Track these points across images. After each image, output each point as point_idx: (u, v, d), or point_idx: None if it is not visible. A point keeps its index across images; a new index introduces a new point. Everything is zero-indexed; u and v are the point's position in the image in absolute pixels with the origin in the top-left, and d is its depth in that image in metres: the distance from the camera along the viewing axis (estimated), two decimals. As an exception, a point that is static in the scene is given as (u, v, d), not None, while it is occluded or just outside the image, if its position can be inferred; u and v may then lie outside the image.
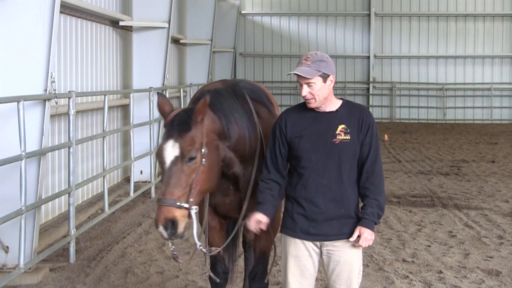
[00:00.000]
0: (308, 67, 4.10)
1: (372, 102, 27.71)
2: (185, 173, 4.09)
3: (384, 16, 28.02)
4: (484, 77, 27.73)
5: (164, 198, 4.04)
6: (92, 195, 10.92)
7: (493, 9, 27.72)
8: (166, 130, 4.19)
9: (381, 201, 4.21)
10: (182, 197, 4.07)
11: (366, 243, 4.15)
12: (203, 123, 4.21)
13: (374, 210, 4.17)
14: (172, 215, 4.03)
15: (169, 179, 4.07)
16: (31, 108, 6.84)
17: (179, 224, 4.06)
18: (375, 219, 4.17)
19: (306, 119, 4.23)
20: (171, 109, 4.35)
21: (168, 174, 4.08)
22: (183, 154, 4.09)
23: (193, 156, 4.12)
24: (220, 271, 5.05)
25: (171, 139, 4.12)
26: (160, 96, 4.41)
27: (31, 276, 6.94)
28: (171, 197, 4.04)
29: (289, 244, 4.31)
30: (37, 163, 7.02)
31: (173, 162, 4.08)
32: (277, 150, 4.28)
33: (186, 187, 4.09)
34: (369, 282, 6.79)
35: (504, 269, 7.34)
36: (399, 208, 10.61)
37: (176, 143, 4.10)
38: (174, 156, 4.09)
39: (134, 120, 10.82)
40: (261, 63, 28.39)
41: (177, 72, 18.48)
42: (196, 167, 4.13)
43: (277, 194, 4.30)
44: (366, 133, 4.19)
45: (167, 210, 4.03)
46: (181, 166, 4.08)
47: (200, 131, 4.18)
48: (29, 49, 6.96)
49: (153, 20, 12.75)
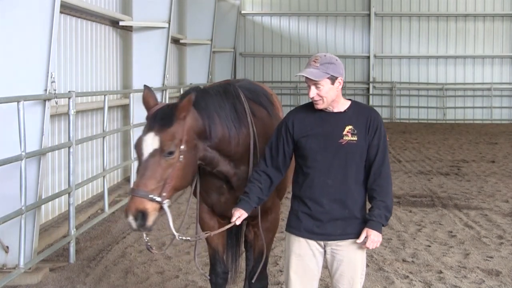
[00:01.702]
0: (316, 69, 4.10)
1: (372, 102, 27.70)
2: (161, 167, 4.11)
3: (384, 16, 28.01)
4: (484, 77, 27.73)
5: (137, 189, 4.06)
6: (92, 195, 10.92)
7: (493, 9, 27.72)
8: (148, 123, 4.21)
9: (388, 203, 4.20)
10: (156, 190, 4.09)
11: (373, 245, 4.14)
12: (185, 120, 4.22)
13: (381, 212, 4.16)
14: (143, 207, 4.05)
15: (145, 171, 4.09)
16: (31, 108, 6.84)
17: (149, 216, 4.08)
18: (382, 221, 4.17)
19: (313, 119, 4.23)
20: (155, 102, 4.35)
21: (144, 166, 4.10)
22: (162, 148, 4.10)
23: (172, 151, 4.13)
24: (220, 271, 5.05)
25: (151, 131, 4.14)
26: (146, 88, 4.40)
27: (31, 276, 6.94)
28: (145, 189, 4.06)
29: (293, 243, 4.31)
30: (37, 163, 7.02)
31: (151, 155, 4.10)
32: (280, 147, 4.27)
33: (160, 181, 4.11)
34: (369, 282, 6.78)
35: (504, 269, 7.34)
36: (399, 208, 10.61)
37: (157, 136, 4.11)
38: (153, 148, 4.11)
39: (134, 120, 10.82)
40: (261, 63, 28.39)
41: (177, 72, 18.48)
42: (173, 162, 4.15)
43: (265, 188, 4.30)
44: (374, 135, 4.19)
45: (139, 201, 4.05)
46: (158, 160, 4.10)
47: (181, 127, 4.20)
48: (29, 49, 6.96)
49: (153, 20, 12.75)
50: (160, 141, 4.11)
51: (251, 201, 4.26)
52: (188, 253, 7.96)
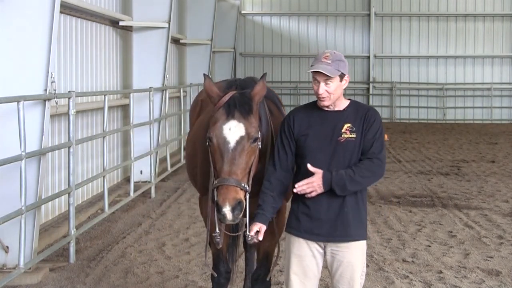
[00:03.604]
0: (329, 66, 4.09)
1: (372, 102, 27.69)
2: (248, 154, 4.04)
3: (384, 16, 28.01)
4: (484, 77, 27.73)
5: (229, 177, 3.93)
6: (92, 195, 10.92)
7: (493, 9, 27.72)
8: (225, 111, 4.10)
9: (356, 178, 4.05)
10: (244, 178, 4.00)
11: (306, 187, 4.03)
12: (258, 106, 4.19)
13: (343, 173, 4.05)
14: (239, 196, 3.93)
15: (234, 159, 3.98)
16: (31, 108, 6.84)
17: (243, 206, 3.95)
18: (336, 177, 4.03)
19: (313, 118, 4.23)
20: (220, 90, 4.26)
21: (232, 154, 3.99)
22: (249, 134, 4.04)
23: (256, 137, 4.08)
24: (223, 271, 5.00)
25: (233, 119, 4.05)
26: (207, 78, 4.30)
27: (31, 276, 6.94)
28: (236, 177, 3.95)
29: (293, 244, 4.30)
30: (37, 163, 7.02)
31: (238, 142, 4.01)
32: (286, 147, 4.25)
33: (246, 169, 4.03)
34: (369, 282, 6.78)
35: (504, 269, 7.34)
36: (399, 208, 10.61)
37: (241, 123, 4.04)
38: (240, 135, 4.03)
39: (134, 120, 10.83)
40: (261, 63, 28.37)
41: (177, 72, 18.48)
42: (255, 149, 4.10)
43: (278, 196, 4.24)
44: (368, 129, 4.16)
45: (234, 190, 3.92)
46: (245, 147, 4.02)
47: (257, 114, 4.17)
48: (29, 49, 6.96)
49: (153, 20, 12.75)
50: (245, 128, 4.04)
51: (266, 212, 4.18)
52: (188, 253, 7.96)
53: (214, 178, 4.11)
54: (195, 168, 4.99)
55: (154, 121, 11.90)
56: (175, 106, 17.17)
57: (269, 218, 4.21)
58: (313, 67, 4.10)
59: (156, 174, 12.40)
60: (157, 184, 12.33)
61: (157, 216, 9.99)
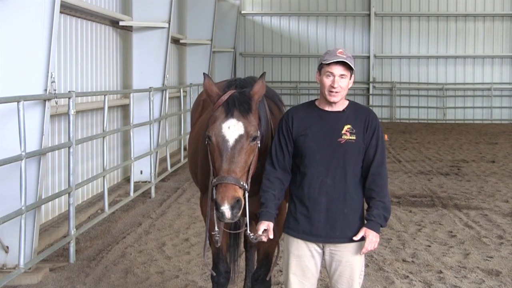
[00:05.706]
0: (348, 59, 4.11)
1: (372, 102, 27.71)
2: (247, 152, 4.04)
3: (384, 16, 28.01)
4: (484, 77, 27.73)
5: (228, 176, 3.93)
6: (92, 195, 10.92)
7: (493, 9, 27.72)
8: (224, 109, 4.11)
9: (387, 203, 4.19)
10: (243, 177, 4.00)
11: (371, 246, 4.11)
12: (257, 105, 4.18)
13: (380, 212, 4.15)
14: (238, 195, 3.93)
15: (233, 157, 3.99)
16: (31, 108, 6.84)
17: (242, 204, 3.95)
18: (381, 221, 4.15)
19: (312, 117, 4.22)
20: (219, 89, 4.27)
21: (231, 152, 4.00)
22: (248, 133, 4.04)
23: (256, 136, 4.08)
24: (223, 270, 5.01)
25: (232, 117, 4.06)
26: (207, 77, 4.31)
27: (31, 276, 6.94)
28: (235, 175, 3.95)
29: (292, 244, 4.30)
30: (37, 163, 7.02)
31: (237, 140, 4.02)
32: (284, 147, 4.24)
33: (245, 167, 4.03)
34: (369, 282, 6.79)
35: (504, 269, 7.34)
36: (399, 208, 10.61)
37: (240, 122, 4.05)
38: (239, 134, 4.03)
39: (134, 120, 10.82)
40: (261, 63, 28.38)
41: (177, 72, 18.48)
42: (255, 148, 4.10)
43: (278, 194, 4.24)
44: (372, 135, 4.18)
45: (233, 188, 3.93)
46: (244, 145, 4.02)
47: (256, 112, 4.16)
48: (29, 49, 6.96)
49: (153, 20, 12.75)
50: (245, 127, 4.05)
51: (271, 209, 4.17)
52: (188, 253, 7.96)
53: (213, 177, 4.11)
54: (196, 167, 4.99)
55: (154, 121, 11.90)
56: (175, 106, 17.17)
57: (274, 215, 4.21)
58: (335, 57, 4.09)
59: (156, 174, 12.40)
60: (157, 184, 12.32)
61: (157, 216, 9.99)
